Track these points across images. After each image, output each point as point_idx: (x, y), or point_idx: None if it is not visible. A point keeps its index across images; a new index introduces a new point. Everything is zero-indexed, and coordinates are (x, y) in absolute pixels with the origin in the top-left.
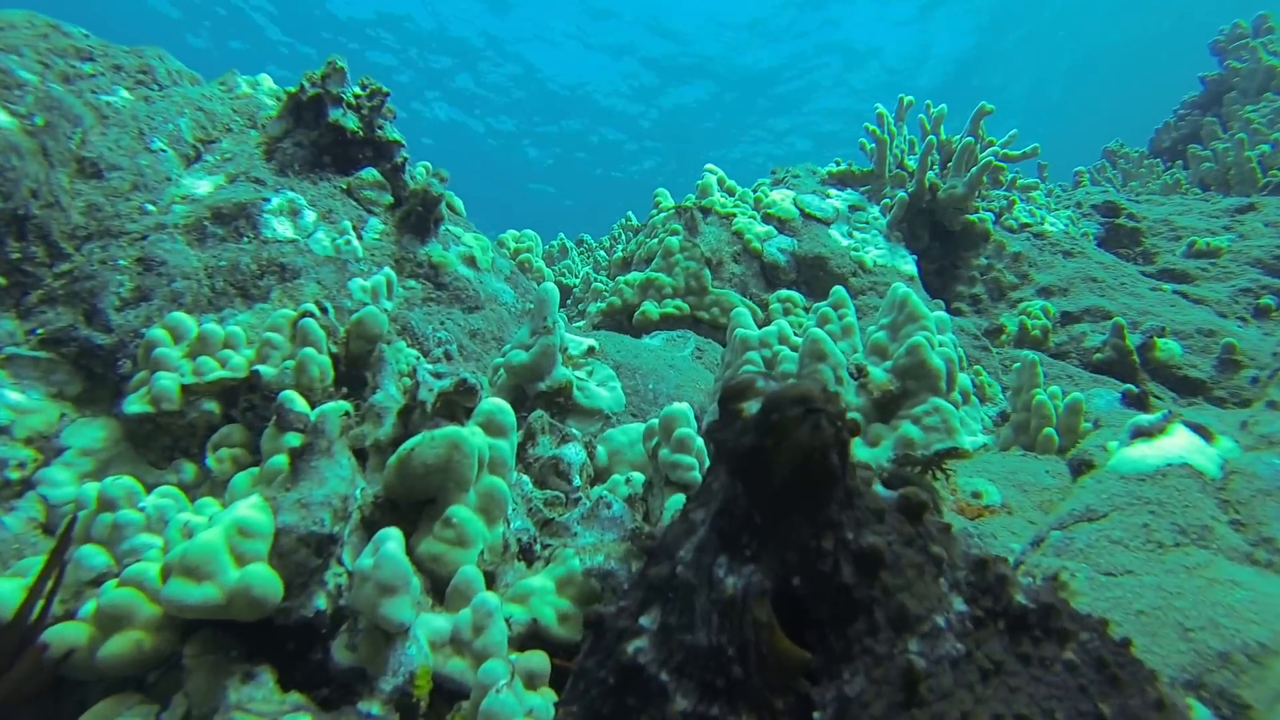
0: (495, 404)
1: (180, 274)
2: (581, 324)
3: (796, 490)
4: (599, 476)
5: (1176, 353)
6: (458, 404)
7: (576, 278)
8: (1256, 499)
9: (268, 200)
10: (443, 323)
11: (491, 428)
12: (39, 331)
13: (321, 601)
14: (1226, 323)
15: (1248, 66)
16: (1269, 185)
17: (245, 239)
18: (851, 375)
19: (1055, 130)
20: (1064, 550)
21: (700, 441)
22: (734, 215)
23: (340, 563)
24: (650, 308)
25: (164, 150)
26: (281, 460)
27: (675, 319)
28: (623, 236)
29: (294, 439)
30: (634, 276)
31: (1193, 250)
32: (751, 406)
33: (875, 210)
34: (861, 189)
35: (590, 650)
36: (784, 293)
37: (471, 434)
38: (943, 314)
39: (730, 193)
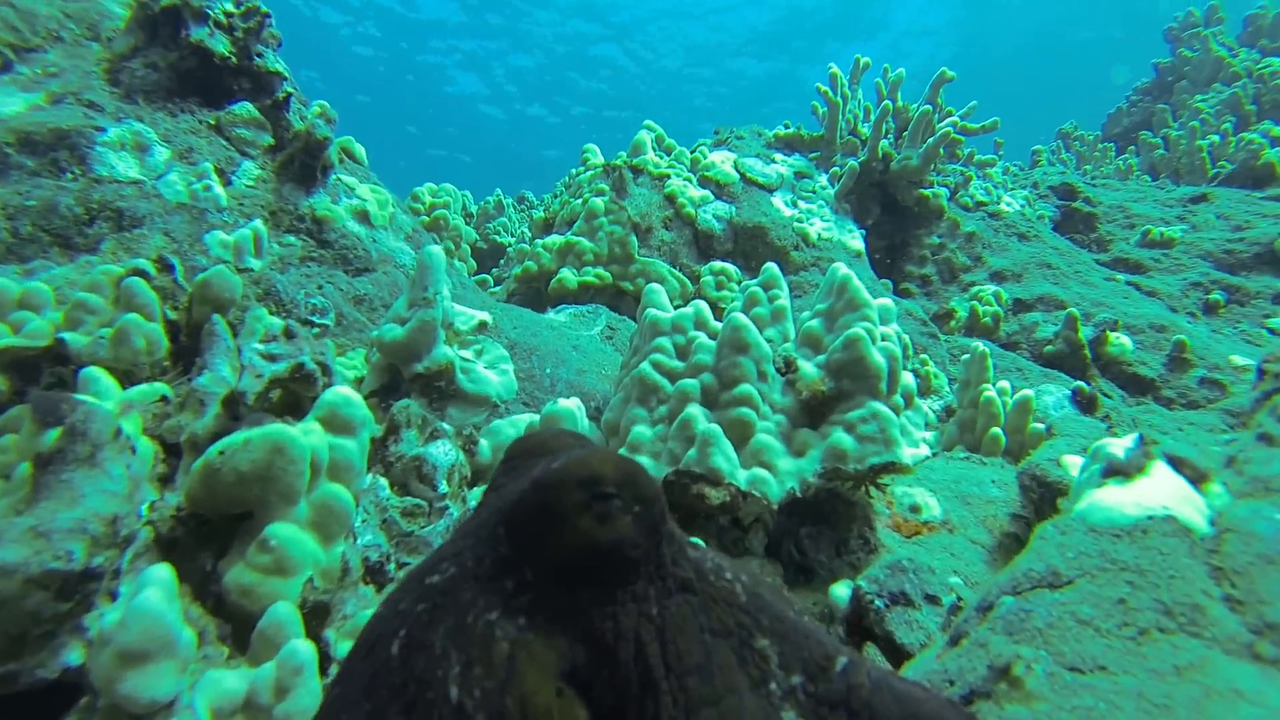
0: (339, 395)
1: None
2: (499, 289)
3: (581, 576)
4: (481, 476)
5: (1128, 349)
6: (300, 394)
7: (512, 236)
8: (1256, 567)
9: (103, 130)
10: (320, 286)
11: (335, 423)
12: None
13: (75, 656)
14: (1177, 318)
15: (1198, 56)
16: (1218, 176)
17: (68, 175)
18: (778, 370)
19: (1011, 107)
20: (1017, 628)
21: None
22: (668, 176)
23: (115, 598)
24: (568, 275)
25: None
26: (27, 469)
27: (596, 289)
28: (561, 194)
29: (54, 437)
30: (553, 240)
31: (1147, 239)
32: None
33: (823, 179)
34: (810, 155)
35: None
36: (717, 265)
37: (303, 433)
38: (888, 303)
39: (668, 151)
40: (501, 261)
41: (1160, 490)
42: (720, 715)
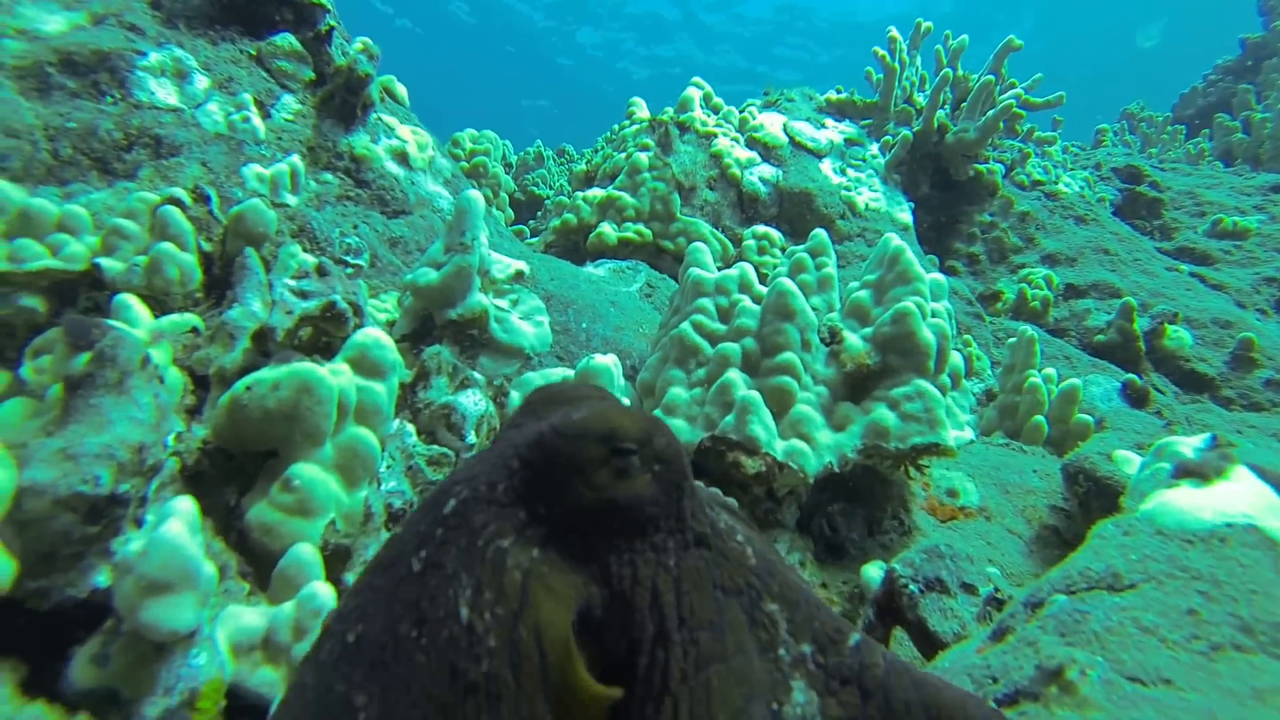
0: (370, 337)
1: (3, 129)
2: (537, 240)
3: (596, 525)
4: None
5: (1186, 343)
6: (331, 333)
7: (550, 189)
8: None
9: (143, 54)
10: (356, 226)
11: (364, 365)
12: None
13: (103, 578)
14: (1245, 314)
15: None
16: None
17: (108, 98)
18: (823, 340)
19: (1075, 83)
20: (1071, 629)
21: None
22: (715, 135)
23: (140, 525)
24: (608, 230)
25: None
26: (58, 392)
27: (635, 246)
28: (603, 149)
29: (86, 360)
30: (594, 193)
31: (1218, 229)
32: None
33: (874, 148)
34: (862, 122)
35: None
36: (761, 229)
37: (332, 374)
38: (940, 278)
39: (715, 110)
40: (539, 214)
41: (1243, 497)
42: (729, 671)
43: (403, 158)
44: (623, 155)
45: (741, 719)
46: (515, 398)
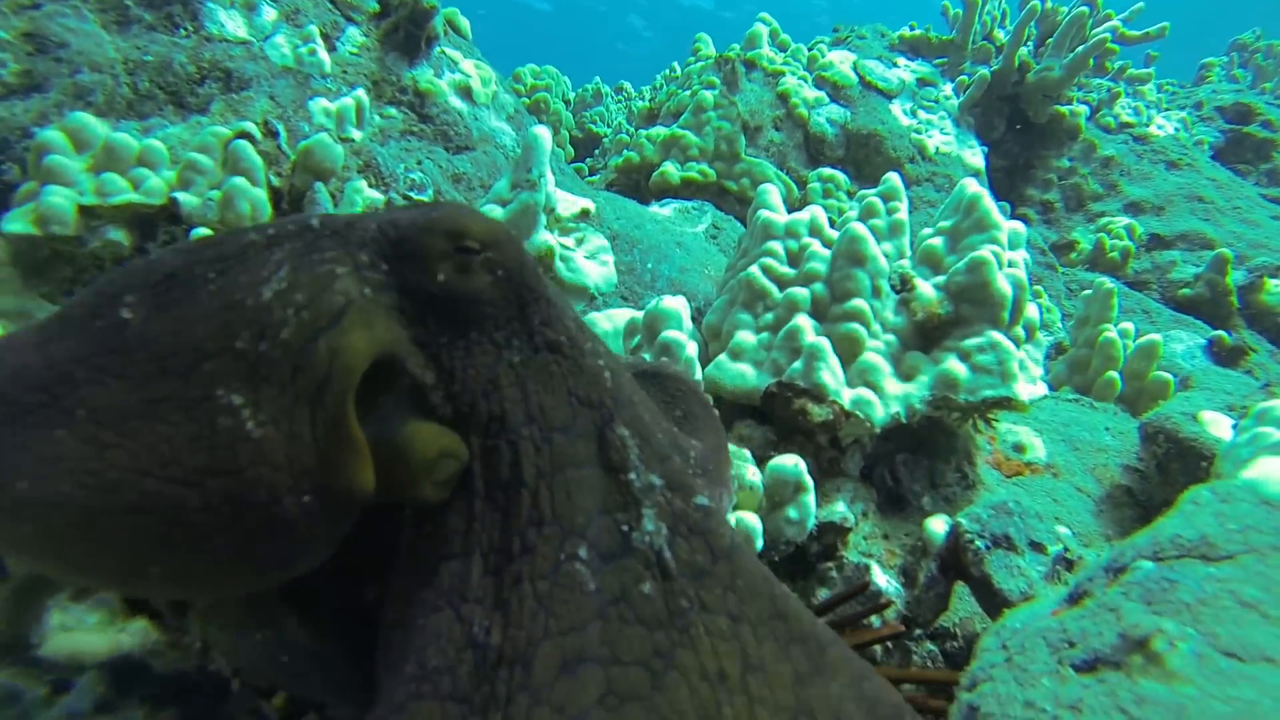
0: None
1: (89, 63)
2: (596, 178)
3: (437, 309)
4: None
5: None
6: None
7: (609, 126)
8: None
9: None
10: (420, 161)
11: None
12: None
13: None
14: None
15: None
16: None
17: (182, 31)
18: (893, 287)
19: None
20: (1158, 598)
21: (690, 352)
22: (782, 74)
23: None
24: (671, 170)
25: None
26: None
27: (698, 186)
28: (664, 88)
29: None
30: (657, 131)
31: None
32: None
33: (948, 88)
34: (935, 61)
35: None
36: (826, 171)
37: None
38: (1018, 227)
39: (782, 48)
40: (596, 152)
41: None
42: (584, 479)
43: (466, 93)
44: (687, 93)
45: (591, 528)
46: None
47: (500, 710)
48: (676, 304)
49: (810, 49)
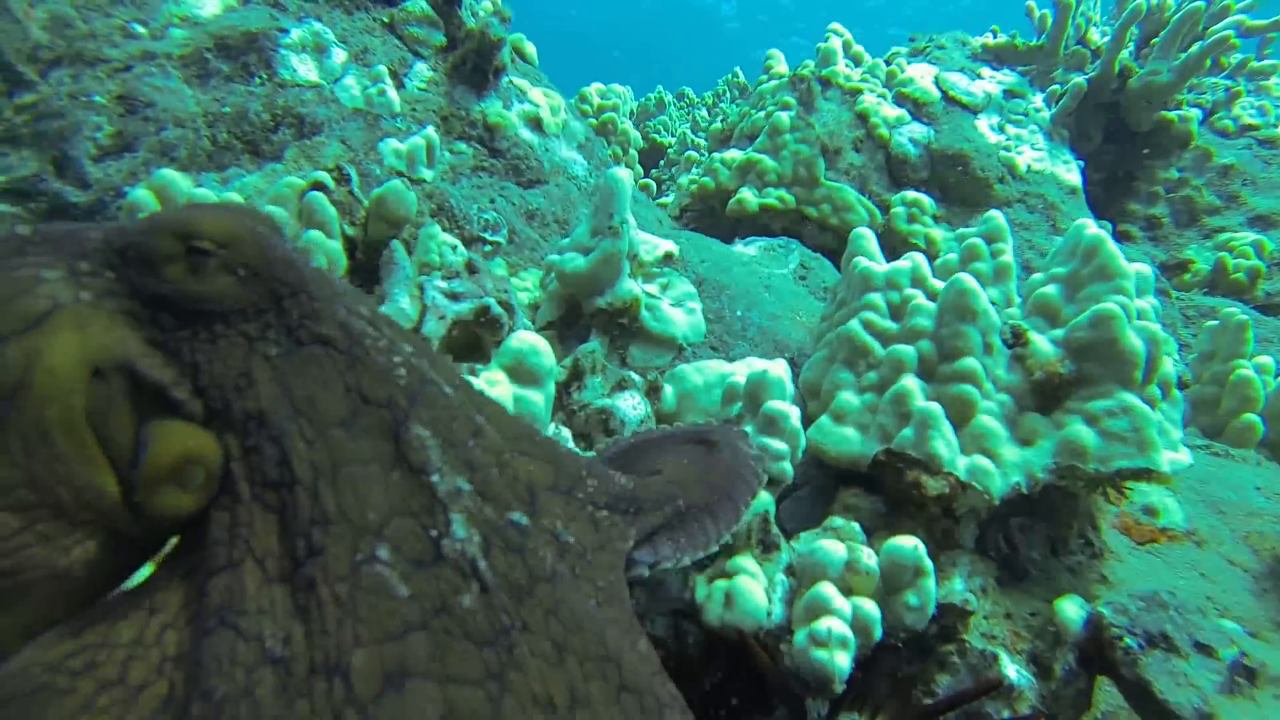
0: (526, 344)
1: (173, 119)
2: (670, 199)
3: (176, 311)
4: (664, 423)
5: None
6: (485, 337)
7: (673, 136)
8: None
9: (285, 31)
10: (493, 200)
11: (520, 374)
12: (1, 178)
13: None
14: None
15: None
16: None
17: (257, 79)
18: (1005, 342)
19: None
20: None
21: (795, 420)
22: (860, 91)
23: None
24: (748, 196)
25: None
26: None
27: (776, 212)
28: (727, 94)
29: None
30: (732, 156)
31: None
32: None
33: (1038, 99)
34: (1022, 69)
35: None
36: (910, 194)
37: (489, 383)
38: (1145, 270)
39: (856, 60)
40: (661, 163)
41: None
42: (371, 476)
43: (536, 124)
44: (762, 114)
45: (390, 528)
46: (670, 393)
47: None
48: (779, 370)
49: (889, 63)
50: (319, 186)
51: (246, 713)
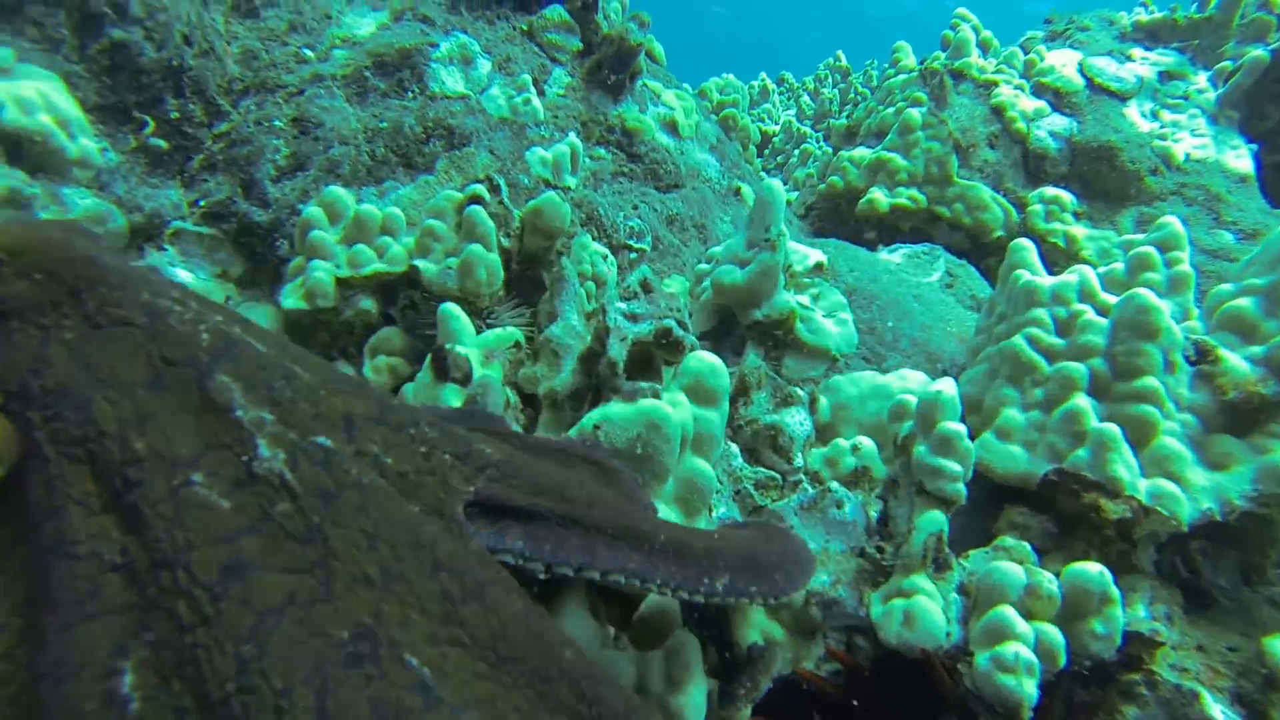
0: (705, 363)
1: (338, 138)
2: (794, 196)
3: None
4: (819, 434)
5: None
6: (658, 355)
7: (777, 124)
8: None
9: (435, 45)
10: (635, 206)
11: (699, 393)
12: (201, 204)
13: None
14: None
15: None
16: None
17: (410, 94)
18: (1188, 360)
19: None
20: None
21: (968, 441)
22: (995, 84)
23: None
24: (879, 196)
25: None
26: None
27: (908, 213)
28: (829, 78)
29: (452, 393)
30: (861, 154)
31: None
32: None
33: (1201, 78)
34: (1180, 44)
35: None
36: (1049, 191)
37: (674, 406)
38: None
39: (985, 49)
40: (766, 152)
41: None
42: (180, 422)
43: (672, 127)
44: (890, 110)
45: (205, 459)
46: (825, 404)
47: (183, 599)
48: (951, 389)
49: (1027, 52)
50: (476, 199)
51: (95, 606)
